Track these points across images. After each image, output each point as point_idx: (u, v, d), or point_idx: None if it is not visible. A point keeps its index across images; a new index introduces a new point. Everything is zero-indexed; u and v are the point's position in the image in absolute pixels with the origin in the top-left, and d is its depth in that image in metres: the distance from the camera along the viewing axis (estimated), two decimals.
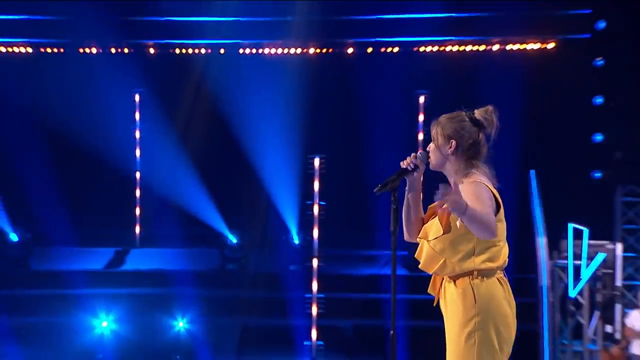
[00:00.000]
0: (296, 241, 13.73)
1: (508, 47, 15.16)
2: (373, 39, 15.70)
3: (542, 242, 11.92)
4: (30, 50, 15.15)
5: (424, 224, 3.61)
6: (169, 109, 14.46)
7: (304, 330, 11.31)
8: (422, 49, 15.60)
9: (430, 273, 3.59)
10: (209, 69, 15.24)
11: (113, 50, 15.06)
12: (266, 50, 15.85)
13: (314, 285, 11.67)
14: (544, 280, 11.32)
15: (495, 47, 15.19)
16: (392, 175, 3.33)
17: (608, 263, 11.19)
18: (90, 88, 14.30)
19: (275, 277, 13.19)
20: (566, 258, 11.43)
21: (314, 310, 11.35)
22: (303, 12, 15.08)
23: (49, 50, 15.19)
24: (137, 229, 13.96)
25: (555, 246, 11.82)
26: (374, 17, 15.71)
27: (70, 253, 13.33)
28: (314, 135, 13.86)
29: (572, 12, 15.10)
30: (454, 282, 3.45)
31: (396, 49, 15.64)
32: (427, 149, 3.60)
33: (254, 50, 15.80)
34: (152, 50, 15.29)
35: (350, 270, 13.34)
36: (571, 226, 11.55)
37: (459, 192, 3.11)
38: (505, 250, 3.56)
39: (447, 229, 3.29)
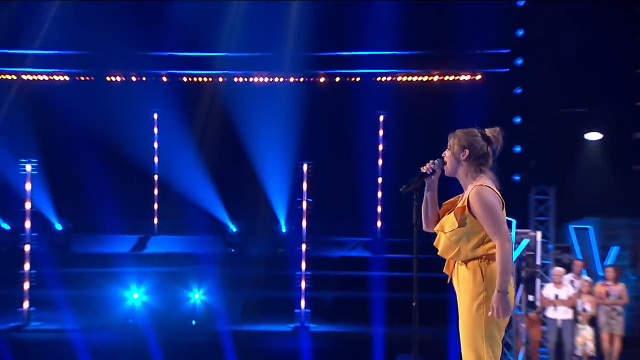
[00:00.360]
0: (284, 230, 13.62)
1: (445, 78, 15.42)
2: (341, 71, 15.51)
3: None
4: (67, 78, 14.91)
5: (439, 217, 3.68)
6: (181, 125, 14.14)
7: (294, 301, 11.20)
8: (379, 78, 15.54)
9: (447, 258, 3.65)
10: (213, 94, 15.03)
11: (134, 79, 14.98)
12: (255, 79, 15.67)
13: (303, 265, 11.57)
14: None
15: (436, 78, 15.46)
16: (414, 178, 3.45)
17: (530, 247, 11.37)
18: (117, 108, 13.97)
19: (269, 258, 13.08)
20: None
21: (303, 284, 11.27)
22: (285, 49, 14.95)
23: (82, 78, 14.97)
24: (155, 220, 13.90)
25: None
26: (341, 53, 15.55)
27: (102, 239, 13.26)
28: (302, 146, 13.60)
29: (495, 52, 15.20)
30: (466, 264, 3.52)
31: (359, 79, 15.54)
32: (443, 156, 3.63)
33: (246, 79, 15.54)
34: (164, 79, 15.18)
35: (331, 252, 13.16)
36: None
37: (497, 297, 3.26)
38: None
39: (461, 223, 3.39)
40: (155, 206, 14.24)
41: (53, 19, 14.26)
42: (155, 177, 14.25)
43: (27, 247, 10.85)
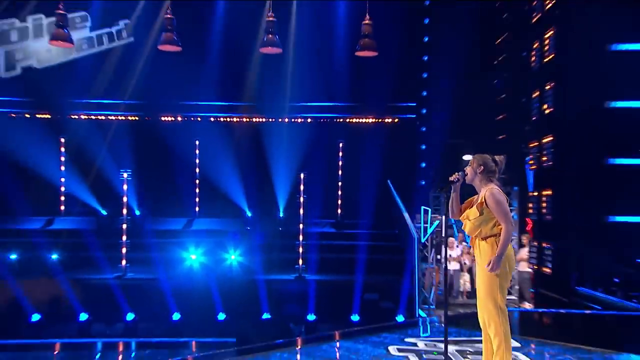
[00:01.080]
0: (281, 215, 13.01)
1: (377, 120, 14.84)
2: (307, 115, 14.79)
3: (406, 216, 11.60)
4: (137, 118, 13.87)
5: (462, 210, 3.71)
6: (214, 147, 13.23)
7: (295, 260, 10.58)
8: (338, 120, 14.78)
9: (472, 236, 3.68)
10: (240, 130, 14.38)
11: (180, 119, 14.07)
12: (259, 120, 14.70)
13: (300, 237, 10.92)
14: (414, 234, 10.70)
15: (370, 120, 14.85)
16: (446, 185, 3.63)
17: (439, 226, 10.90)
18: (170, 136, 12.87)
19: (275, 233, 12.44)
20: (419, 222, 10.87)
21: (300, 249, 10.70)
22: (283, 100, 13.98)
23: (147, 118, 13.87)
24: (197, 208, 13.03)
25: (413, 218, 11.43)
26: (308, 104, 14.65)
27: (163, 221, 12.33)
28: (298, 161, 12.90)
29: (406, 104, 14.80)
30: (485, 240, 3.54)
31: (327, 120, 14.74)
32: (465, 170, 3.74)
33: (256, 119, 14.71)
34: (199, 119, 14.21)
35: (319, 229, 12.53)
36: (422, 208, 10.92)
37: (495, 258, 3.31)
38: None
39: (481, 213, 3.46)
40: (197, 199, 13.22)
41: (125, 76, 12.98)
42: (197, 181, 13.23)
43: (124, 226, 10.25)
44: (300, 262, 10.53)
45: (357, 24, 11.33)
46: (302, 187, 11.48)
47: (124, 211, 10.57)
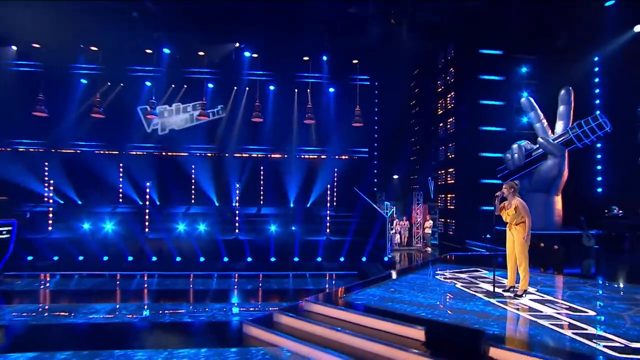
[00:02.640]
0: (308, 205, 16.24)
1: (343, 156, 17.60)
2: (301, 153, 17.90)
3: (377, 207, 14.49)
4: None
5: (501, 209, 5.64)
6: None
7: (324, 228, 14.20)
8: (330, 156, 17.72)
9: (510, 223, 5.62)
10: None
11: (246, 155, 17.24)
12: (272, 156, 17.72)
13: (327, 214, 14.50)
14: (385, 215, 13.65)
15: (344, 156, 17.55)
16: (495, 200, 5.82)
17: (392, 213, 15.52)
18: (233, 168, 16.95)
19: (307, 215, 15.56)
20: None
21: (328, 223, 14.25)
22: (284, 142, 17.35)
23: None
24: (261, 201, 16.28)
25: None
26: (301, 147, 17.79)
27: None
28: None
29: (361, 149, 17.74)
30: (517, 225, 5.50)
31: (307, 156, 17.66)
32: (503, 190, 5.77)
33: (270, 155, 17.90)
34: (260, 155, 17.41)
35: (330, 213, 15.18)
36: (386, 203, 16.14)
37: (527, 235, 5.19)
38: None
39: (516, 211, 5.38)
40: (261, 196, 16.44)
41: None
42: (262, 189, 16.63)
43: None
44: (327, 229, 14.25)
45: (343, 103, 16.53)
46: (328, 191, 15.60)
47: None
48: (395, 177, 21.28)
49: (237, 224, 14.58)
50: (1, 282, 8.94)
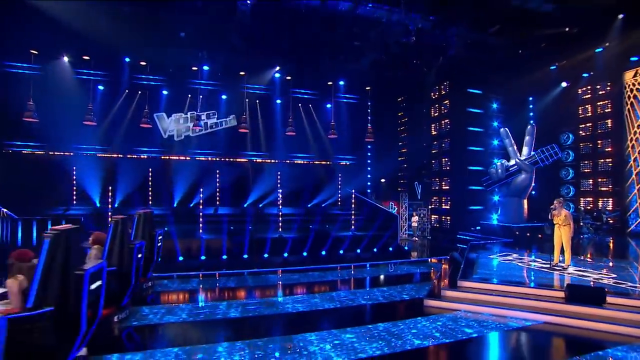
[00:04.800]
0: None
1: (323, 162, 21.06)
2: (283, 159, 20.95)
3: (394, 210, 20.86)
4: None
5: (554, 216, 8.76)
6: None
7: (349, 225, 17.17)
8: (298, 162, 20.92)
9: (559, 224, 8.75)
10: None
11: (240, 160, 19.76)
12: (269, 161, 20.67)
13: (353, 215, 17.33)
14: (395, 214, 17.54)
15: (324, 163, 21.08)
16: (551, 210, 8.96)
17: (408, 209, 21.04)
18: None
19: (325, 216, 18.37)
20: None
21: (353, 221, 17.73)
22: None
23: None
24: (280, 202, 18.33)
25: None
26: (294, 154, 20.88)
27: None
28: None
29: (357, 155, 21.65)
30: (564, 226, 8.77)
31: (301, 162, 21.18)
32: (555, 203, 8.74)
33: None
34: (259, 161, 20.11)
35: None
36: (390, 203, 19.97)
37: (571, 233, 8.70)
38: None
39: (565, 218, 8.68)
40: (280, 199, 17.91)
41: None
42: (280, 192, 18.13)
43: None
44: (353, 226, 17.08)
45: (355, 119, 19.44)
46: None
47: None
48: (382, 180, 24.08)
49: (280, 224, 17.00)
50: (151, 286, 8.67)
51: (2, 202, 13.58)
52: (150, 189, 18.55)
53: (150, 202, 18.18)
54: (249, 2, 13.40)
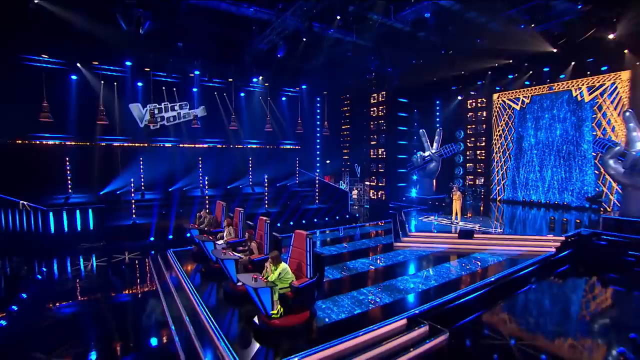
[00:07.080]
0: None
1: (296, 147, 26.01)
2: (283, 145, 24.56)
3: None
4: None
5: (454, 194, 14.20)
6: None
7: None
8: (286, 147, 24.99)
9: (454, 198, 14.44)
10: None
11: (226, 146, 23.33)
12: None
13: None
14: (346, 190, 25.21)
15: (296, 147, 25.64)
16: (450, 191, 15.10)
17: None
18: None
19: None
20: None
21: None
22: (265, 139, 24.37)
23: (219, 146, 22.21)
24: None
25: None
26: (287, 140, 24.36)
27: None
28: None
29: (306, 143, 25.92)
30: (458, 200, 14.16)
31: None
32: (454, 188, 14.33)
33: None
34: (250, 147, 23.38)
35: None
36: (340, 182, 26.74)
37: (460, 199, 13.83)
38: None
39: (458, 197, 14.16)
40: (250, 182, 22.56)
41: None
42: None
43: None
44: (317, 200, 23.95)
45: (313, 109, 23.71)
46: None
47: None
48: (328, 162, 27.62)
49: (265, 202, 21.19)
50: None
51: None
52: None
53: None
54: None
